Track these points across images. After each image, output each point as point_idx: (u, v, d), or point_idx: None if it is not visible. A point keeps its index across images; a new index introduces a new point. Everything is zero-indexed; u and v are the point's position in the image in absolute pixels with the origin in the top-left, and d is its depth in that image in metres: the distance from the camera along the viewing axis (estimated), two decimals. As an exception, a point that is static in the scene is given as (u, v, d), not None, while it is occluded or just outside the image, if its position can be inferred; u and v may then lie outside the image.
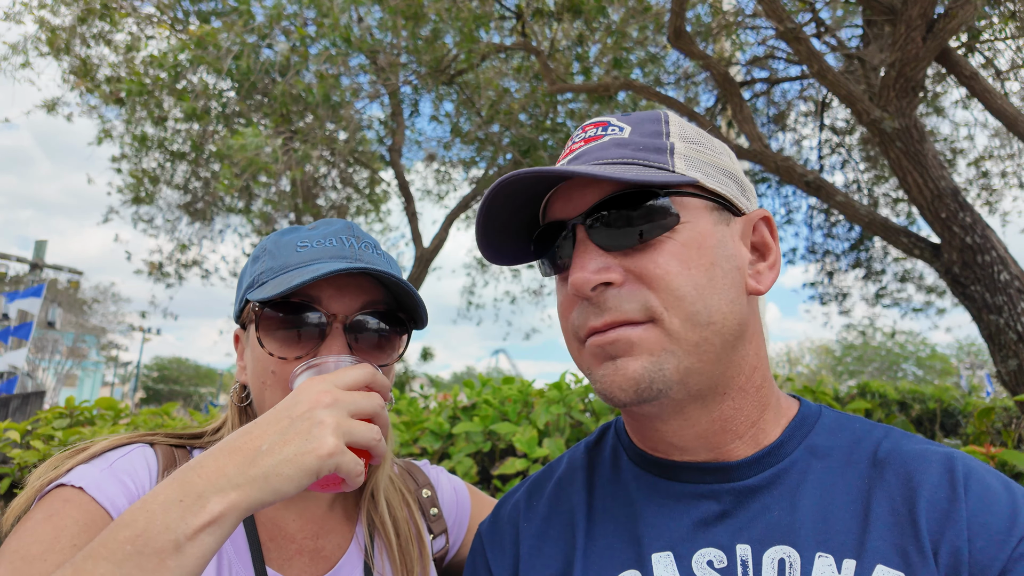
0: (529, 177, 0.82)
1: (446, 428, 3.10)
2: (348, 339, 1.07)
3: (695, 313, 0.79)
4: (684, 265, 0.80)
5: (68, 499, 0.92)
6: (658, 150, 0.85)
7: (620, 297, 0.81)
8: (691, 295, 0.79)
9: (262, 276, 1.10)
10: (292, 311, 1.05)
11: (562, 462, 1.05)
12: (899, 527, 0.76)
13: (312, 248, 1.10)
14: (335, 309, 1.07)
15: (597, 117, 0.94)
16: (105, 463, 1.00)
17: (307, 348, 1.05)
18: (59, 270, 24.41)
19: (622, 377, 0.80)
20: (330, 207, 9.79)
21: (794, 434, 0.88)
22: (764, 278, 0.87)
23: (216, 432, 1.17)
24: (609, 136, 0.88)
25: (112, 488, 0.95)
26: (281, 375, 1.05)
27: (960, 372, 34.97)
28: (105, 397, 3.64)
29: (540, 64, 6.22)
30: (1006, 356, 4.05)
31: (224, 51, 6.07)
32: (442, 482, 1.37)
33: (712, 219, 0.84)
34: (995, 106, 4.47)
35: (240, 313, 1.15)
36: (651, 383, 0.79)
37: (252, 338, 1.10)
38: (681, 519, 0.85)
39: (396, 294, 1.13)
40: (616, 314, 0.80)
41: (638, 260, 0.81)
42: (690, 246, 0.81)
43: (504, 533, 0.99)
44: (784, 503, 0.82)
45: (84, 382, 47.33)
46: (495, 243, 0.94)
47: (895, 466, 0.82)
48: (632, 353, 0.80)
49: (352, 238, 1.14)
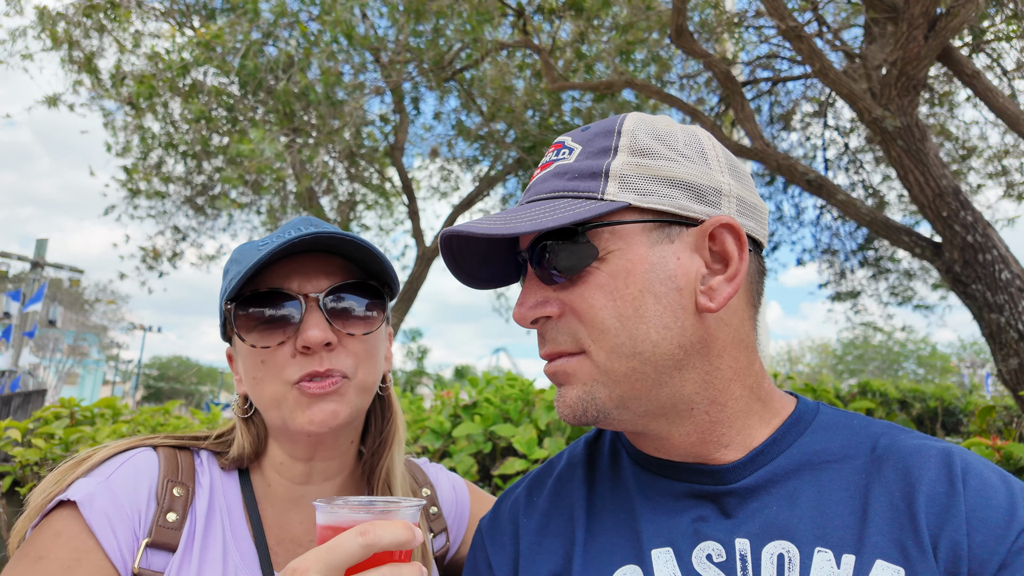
0: (461, 235, 0.88)
1: (447, 427, 3.10)
2: (326, 314, 1.06)
3: (619, 345, 0.81)
4: (609, 297, 0.81)
5: (59, 532, 0.94)
6: (592, 175, 0.84)
7: (557, 329, 0.86)
8: (614, 327, 0.81)
9: (232, 283, 1.09)
10: (263, 302, 1.06)
11: (562, 458, 1.05)
12: (898, 522, 0.76)
13: (271, 243, 1.09)
14: (306, 290, 1.07)
15: (565, 134, 0.95)
16: (103, 475, 1.00)
17: (288, 333, 1.05)
18: (60, 268, 24.44)
19: (563, 404, 0.86)
20: (337, 204, 9.78)
21: (788, 432, 0.88)
22: (718, 293, 0.82)
23: (220, 437, 1.17)
24: (556, 162, 0.89)
25: (105, 506, 0.96)
26: (271, 363, 1.05)
27: (961, 371, 34.95)
28: (106, 398, 3.64)
29: (542, 61, 6.22)
30: (1007, 355, 4.05)
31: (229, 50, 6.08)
32: (441, 480, 1.37)
33: (648, 240, 0.82)
34: (997, 105, 4.47)
35: (224, 327, 1.15)
36: (585, 410, 0.84)
37: (238, 342, 1.10)
38: (680, 516, 0.86)
39: (364, 266, 1.13)
40: (553, 346, 0.86)
41: (570, 294, 0.84)
42: (618, 276, 0.81)
43: (504, 529, 1.00)
44: (782, 499, 0.82)
45: (85, 380, 47.38)
46: (475, 272, 0.98)
47: (893, 461, 0.82)
48: (569, 382, 0.85)
49: (310, 225, 1.13)
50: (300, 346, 1.04)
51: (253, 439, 1.14)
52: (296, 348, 1.05)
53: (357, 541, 0.70)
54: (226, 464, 1.12)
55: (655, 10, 5.92)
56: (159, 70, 6.68)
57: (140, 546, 0.96)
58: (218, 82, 7.11)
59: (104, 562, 0.93)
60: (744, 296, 0.88)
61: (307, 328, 1.04)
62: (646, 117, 0.90)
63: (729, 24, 6.32)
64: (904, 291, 8.63)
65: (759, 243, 0.91)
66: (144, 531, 0.98)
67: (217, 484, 1.09)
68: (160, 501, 1.01)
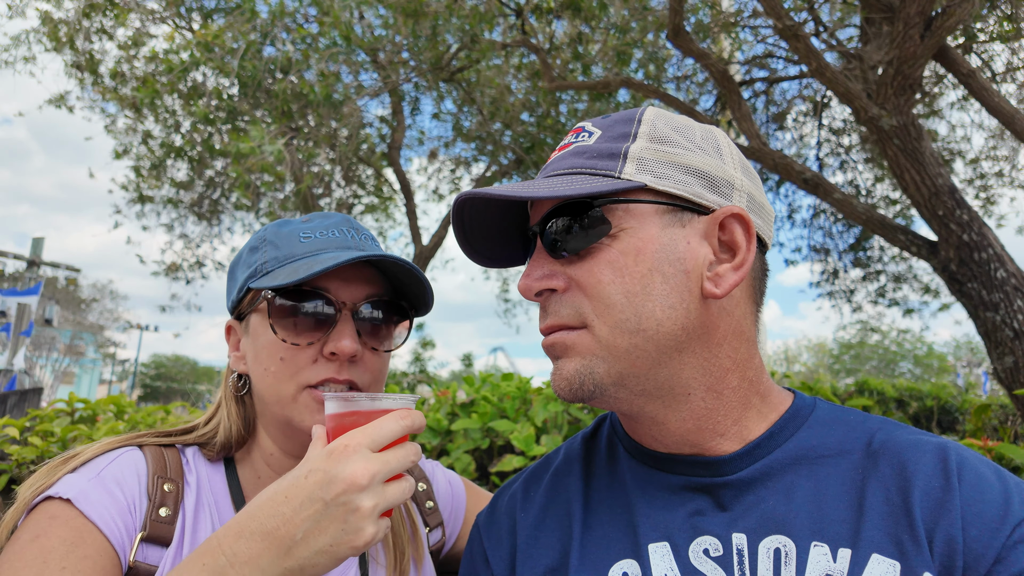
0: (481, 197, 0.87)
1: (444, 424, 3.11)
2: (356, 325, 1.09)
3: (623, 320, 0.82)
4: (618, 273, 0.82)
5: (55, 515, 0.93)
6: (611, 156, 0.86)
7: (560, 303, 0.86)
8: (620, 303, 0.82)
9: (266, 265, 1.10)
10: (304, 299, 1.07)
11: (559, 453, 1.06)
12: (894, 516, 0.77)
13: (316, 239, 1.12)
14: (344, 297, 1.09)
15: (584, 120, 0.97)
16: (93, 472, 1.00)
17: (318, 335, 1.07)
18: (56, 267, 24.37)
19: (559, 376, 0.86)
20: (336, 205, 9.77)
21: (785, 427, 0.89)
22: (723, 280, 0.84)
23: (208, 423, 1.16)
24: (576, 144, 0.91)
25: (100, 499, 0.95)
26: (291, 361, 1.06)
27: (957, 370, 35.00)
28: (111, 396, 3.64)
29: (540, 62, 6.22)
30: (1002, 353, 4.07)
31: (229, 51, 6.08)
32: (437, 476, 1.38)
33: (661, 222, 0.84)
34: (992, 104, 4.48)
35: (239, 303, 1.15)
36: (582, 384, 0.84)
37: (257, 326, 1.11)
38: (676, 510, 0.86)
39: (399, 282, 1.15)
40: (555, 318, 0.86)
41: (578, 268, 0.85)
42: (628, 253, 0.83)
43: (501, 524, 1.00)
44: (779, 494, 0.83)
45: (82, 379, 47.22)
46: (482, 250, 0.99)
47: (889, 456, 0.82)
48: (568, 355, 0.86)
49: (352, 230, 1.16)
50: (328, 352, 1.05)
51: (242, 421, 1.14)
52: (322, 352, 1.06)
53: (401, 423, 0.84)
54: (212, 455, 1.12)
55: (651, 10, 5.93)
56: (159, 72, 6.67)
57: (135, 539, 0.96)
58: (218, 83, 7.11)
59: (105, 544, 0.93)
60: (747, 290, 0.90)
61: (340, 337, 1.06)
62: (665, 111, 0.93)
63: (726, 24, 6.32)
64: (893, 292, 8.66)
65: (764, 243, 0.92)
66: (138, 525, 0.97)
67: (204, 479, 1.09)
68: (152, 497, 1.01)
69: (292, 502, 0.78)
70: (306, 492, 0.78)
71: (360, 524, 0.77)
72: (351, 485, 0.77)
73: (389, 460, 0.81)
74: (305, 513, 0.77)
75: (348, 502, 0.76)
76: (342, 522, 0.76)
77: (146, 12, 7.42)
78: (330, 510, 0.76)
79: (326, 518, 0.76)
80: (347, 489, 0.77)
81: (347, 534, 0.76)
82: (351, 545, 0.76)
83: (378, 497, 0.78)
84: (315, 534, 0.76)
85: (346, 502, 0.76)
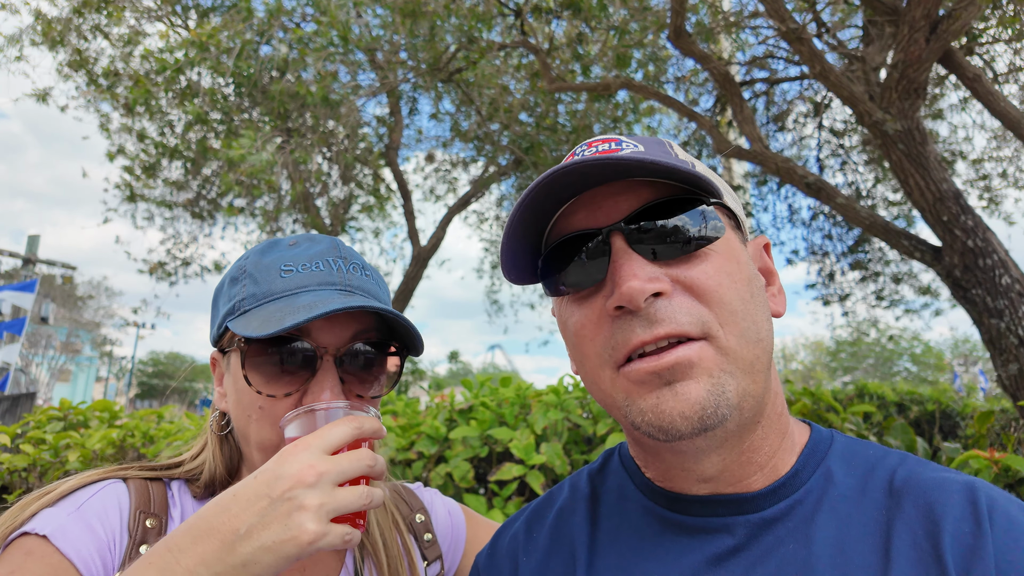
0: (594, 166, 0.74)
1: (442, 432, 3.07)
2: (340, 372, 1.01)
3: (747, 329, 0.74)
4: (731, 278, 0.75)
5: (30, 551, 0.89)
6: (683, 163, 0.81)
7: (672, 308, 0.72)
8: (741, 310, 0.75)
9: (243, 303, 1.04)
10: (280, 345, 0.99)
11: (563, 490, 1.01)
12: (923, 563, 0.72)
13: (297, 273, 1.04)
14: (325, 341, 1.01)
15: (604, 135, 0.88)
16: (72, 506, 0.96)
17: (297, 384, 1.00)
18: (52, 265, 24.29)
19: (684, 403, 0.71)
20: (333, 206, 9.73)
21: (808, 462, 0.84)
22: (778, 301, 0.85)
23: (195, 459, 1.12)
24: (628, 150, 0.82)
25: (78, 535, 0.91)
26: (269, 411, 1.00)
27: (954, 368, 35.12)
28: (101, 400, 3.60)
29: (539, 62, 6.17)
30: (1007, 360, 4.03)
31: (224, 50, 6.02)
32: (436, 506, 1.33)
33: (738, 237, 0.82)
34: (998, 108, 4.45)
35: (219, 338, 1.09)
36: (716, 408, 0.71)
37: (235, 370, 1.04)
38: (691, 554, 0.81)
39: (390, 317, 1.07)
40: (671, 326, 0.72)
41: (686, 270, 0.75)
42: (731, 259, 0.78)
43: (503, 567, 0.96)
44: (799, 535, 0.78)
45: (78, 377, 47.12)
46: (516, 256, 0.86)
47: (914, 496, 0.78)
48: (692, 376, 0.71)
49: (339, 259, 1.08)
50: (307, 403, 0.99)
51: (226, 460, 1.10)
52: (302, 403, 1.00)
53: (351, 425, 0.85)
54: (198, 492, 1.08)
55: (651, 11, 5.89)
56: (154, 71, 6.62)
57: None
58: (213, 83, 7.06)
59: None
60: None
61: (321, 388, 0.99)
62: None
63: (727, 25, 6.28)
64: (892, 294, 8.66)
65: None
66: (117, 563, 0.94)
67: (189, 514, 1.05)
68: (132, 533, 0.97)
69: (240, 500, 0.78)
70: (253, 489, 0.78)
71: (303, 521, 0.75)
72: (297, 482, 0.77)
73: (340, 461, 0.81)
74: (251, 509, 0.77)
75: (293, 498, 0.76)
76: (286, 517, 0.75)
77: (141, 10, 7.36)
78: (275, 506, 0.76)
79: (270, 514, 0.76)
80: (293, 486, 0.77)
81: (290, 530, 0.75)
82: (295, 543, 0.75)
83: (325, 497, 0.78)
84: (258, 529, 0.75)
85: (291, 498, 0.76)
